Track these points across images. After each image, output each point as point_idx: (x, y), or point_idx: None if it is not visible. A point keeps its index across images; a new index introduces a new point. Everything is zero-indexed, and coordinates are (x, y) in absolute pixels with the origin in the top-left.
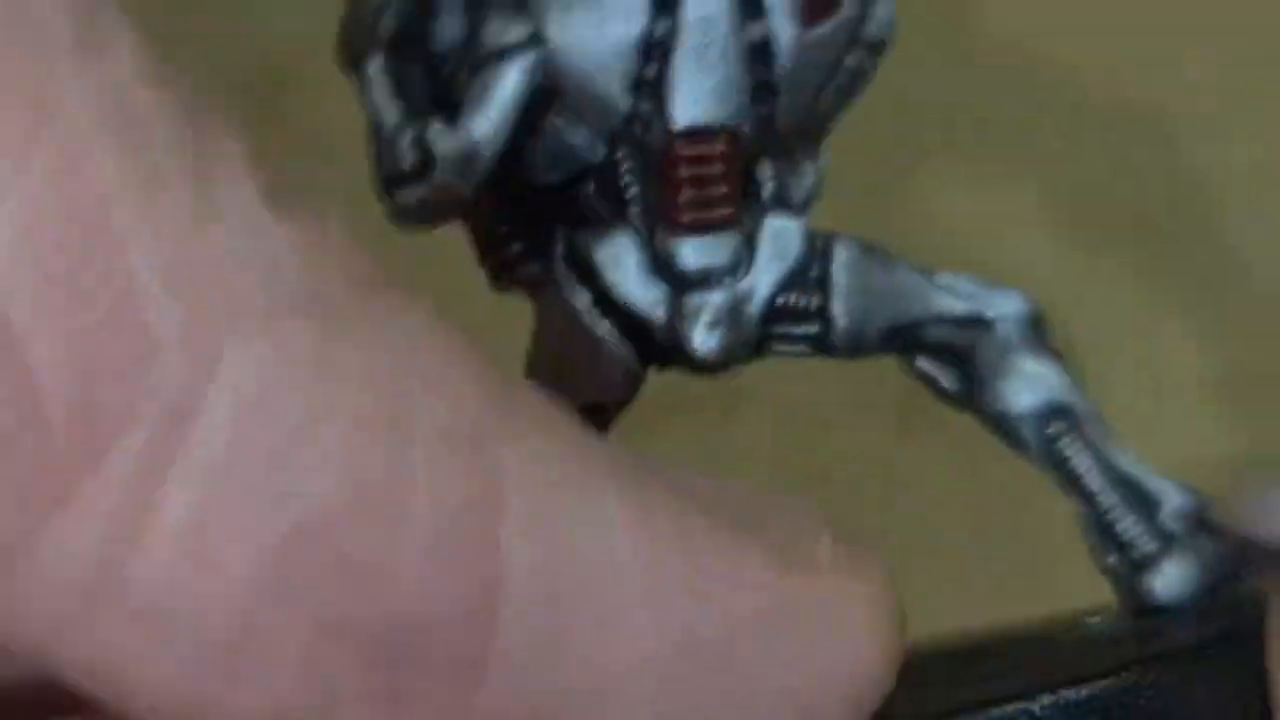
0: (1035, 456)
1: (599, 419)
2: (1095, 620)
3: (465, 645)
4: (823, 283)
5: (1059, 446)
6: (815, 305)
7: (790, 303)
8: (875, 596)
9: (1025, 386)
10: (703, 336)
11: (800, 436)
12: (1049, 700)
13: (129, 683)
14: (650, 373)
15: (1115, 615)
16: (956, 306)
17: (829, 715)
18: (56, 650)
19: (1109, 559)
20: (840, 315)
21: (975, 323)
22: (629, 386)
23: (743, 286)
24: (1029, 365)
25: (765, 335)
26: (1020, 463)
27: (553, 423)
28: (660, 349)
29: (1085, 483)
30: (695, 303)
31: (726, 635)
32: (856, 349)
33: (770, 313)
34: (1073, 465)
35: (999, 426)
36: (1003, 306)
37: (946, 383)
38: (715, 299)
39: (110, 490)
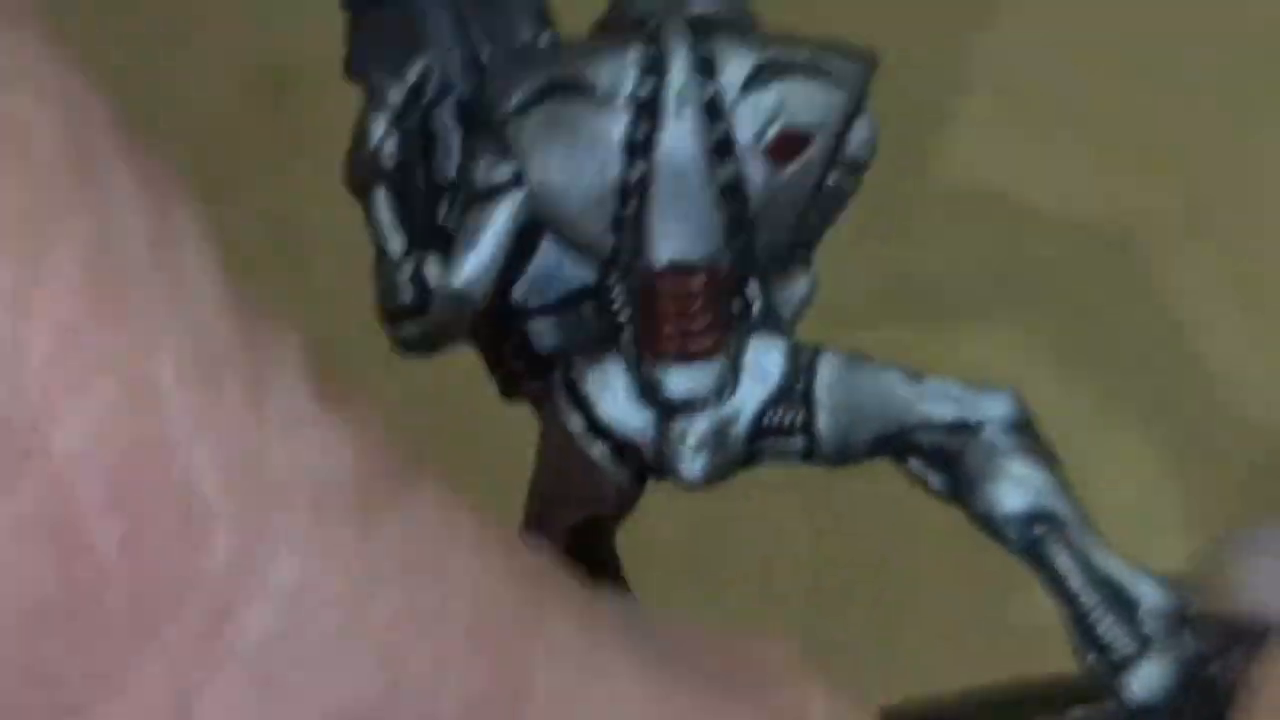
0: (1020, 556)
1: (598, 529)
2: (1078, 715)
3: None
4: (807, 398)
5: (1043, 549)
6: (800, 421)
7: (776, 420)
8: None
9: (1011, 490)
10: (689, 461)
11: None
12: None
13: None
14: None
15: (1098, 711)
16: (945, 412)
17: None
18: None
19: (1089, 658)
20: (825, 429)
21: (963, 428)
22: (623, 503)
23: (728, 409)
24: (1016, 468)
25: (753, 451)
26: None
27: (576, 607)
28: (652, 467)
29: (1068, 584)
30: (681, 428)
31: None
32: (843, 458)
33: (756, 431)
34: (1056, 567)
35: (986, 526)
36: (990, 410)
37: (936, 484)
38: (700, 424)
39: (158, 674)
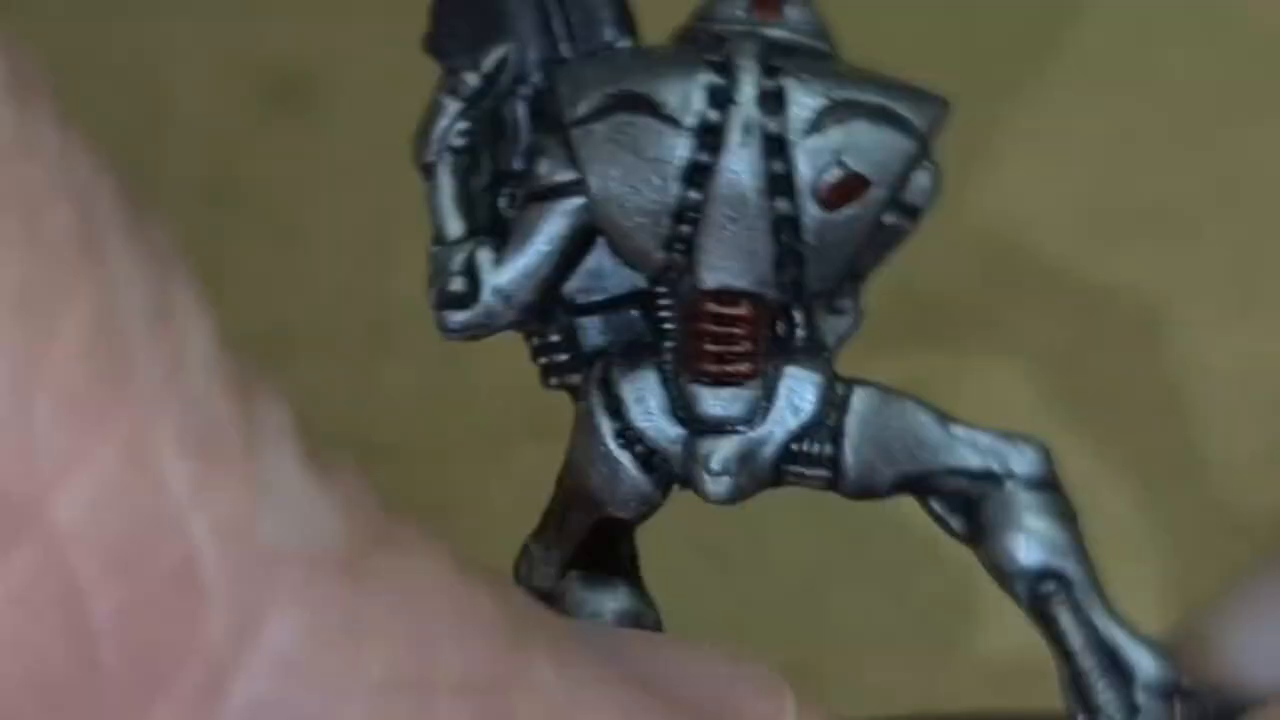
0: (1026, 610)
1: (617, 529)
2: None
3: None
4: (836, 434)
5: (1048, 606)
6: (827, 454)
7: (804, 450)
8: None
9: (1026, 544)
10: (713, 481)
11: None
12: None
13: None
14: None
15: None
16: (971, 461)
17: None
18: None
19: (1079, 718)
20: (851, 467)
21: (988, 478)
22: (643, 509)
23: (757, 434)
24: (1033, 524)
25: (778, 475)
26: None
27: (563, 657)
28: (678, 478)
29: (1067, 643)
30: (708, 447)
31: None
32: (865, 494)
33: (783, 458)
34: (1058, 625)
35: (996, 575)
36: (1017, 465)
37: (956, 526)
38: (728, 446)
39: None
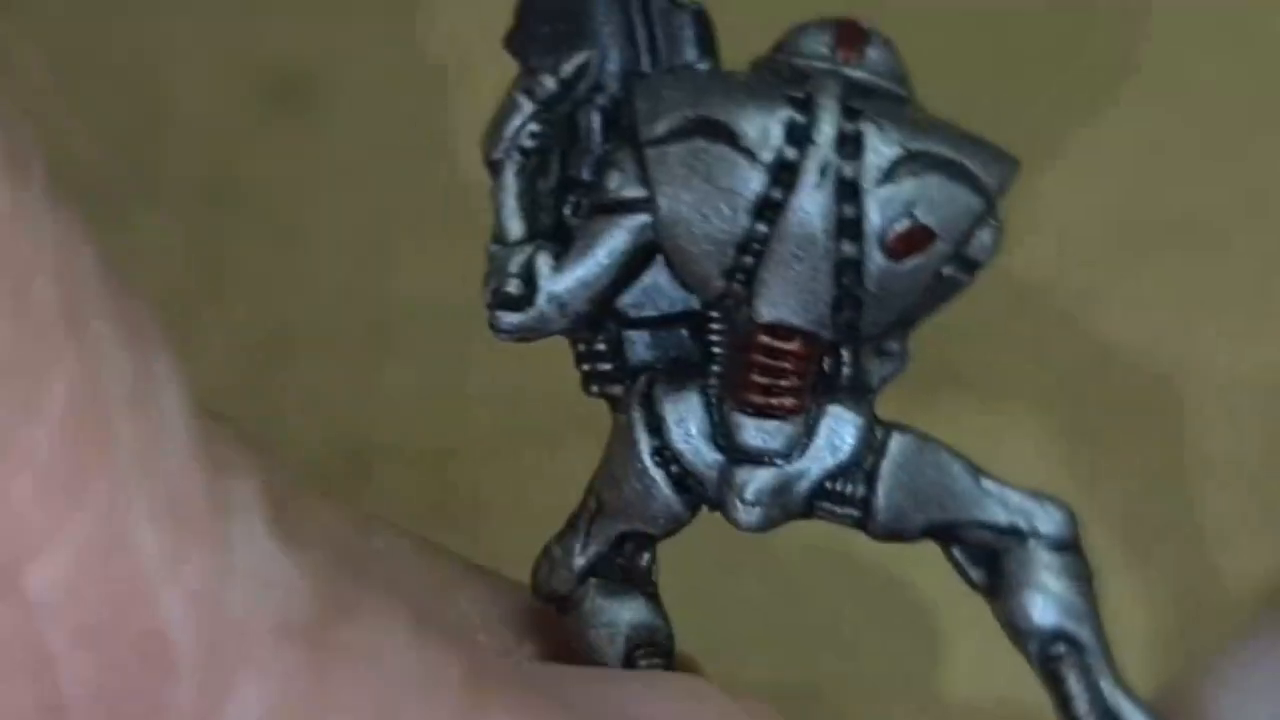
0: (1035, 668)
1: (640, 541)
2: None
3: None
4: (871, 477)
5: (1058, 667)
6: (860, 495)
7: (837, 488)
8: None
9: (1042, 605)
10: (745, 511)
11: None
12: None
13: None
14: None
15: None
16: (999, 517)
17: None
18: None
19: None
20: (882, 510)
21: (1012, 533)
22: (670, 526)
23: (793, 469)
24: (1051, 584)
25: (809, 510)
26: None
27: (522, 711)
28: (709, 502)
29: (1073, 707)
30: (744, 477)
31: None
32: (892, 537)
33: (817, 493)
34: (1066, 687)
35: (1008, 630)
36: (1042, 525)
37: (975, 576)
38: (764, 477)
39: None
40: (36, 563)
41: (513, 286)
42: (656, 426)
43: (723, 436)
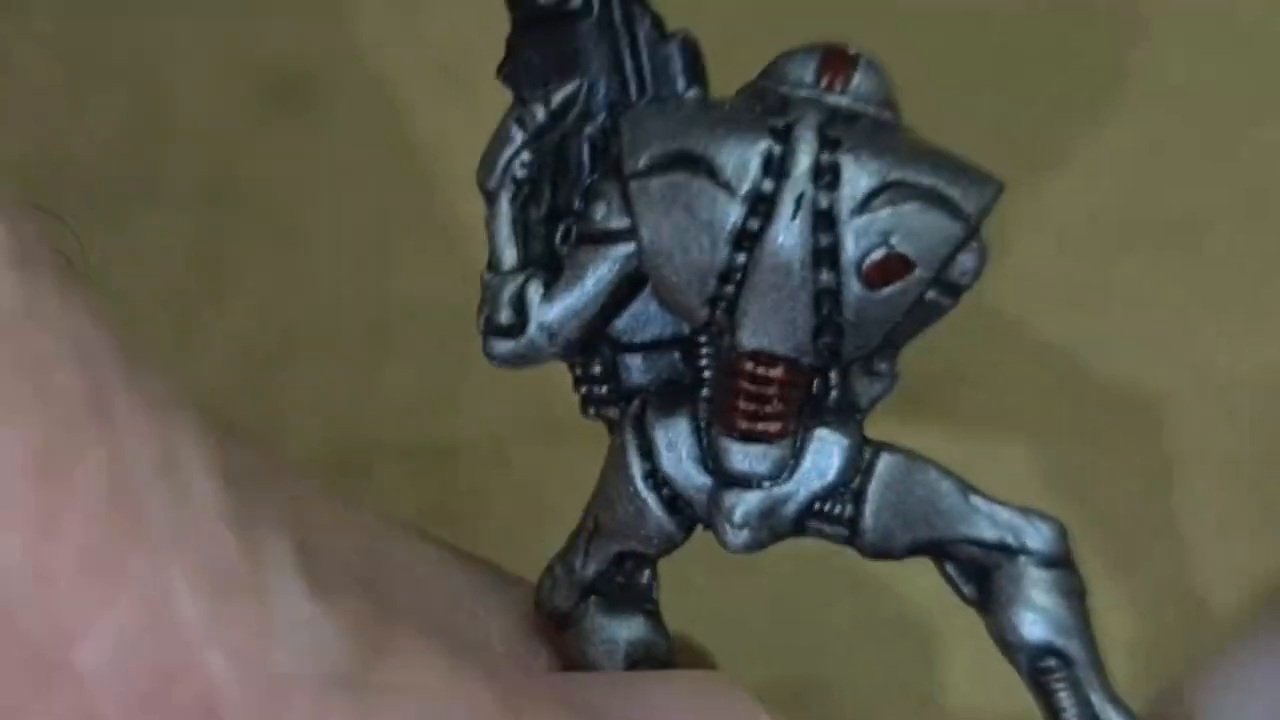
0: (1026, 681)
1: (638, 562)
2: None
3: None
4: (859, 497)
5: (1047, 681)
6: (848, 514)
7: (825, 508)
8: None
9: (1032, 620)
10: (734, 533)
11: None
12: None
13: None
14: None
15: None
16: (988, 533)
17: None
18: None
19: None
20: (869, 530)
21: (1002, 550)
22: (664, 547)
23: (781, 491)
24: (1041, 600)
25: (799, 528)
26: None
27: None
28: (701, 522)
29: (1063, 719)
30: (732, 500)
31: None
32: (881, 554)
33: (804, 514)
34: (1056, 700)
35: (999, 644)
36: (1032, 542)
37: (967, 591)
38: (752, 499)
39: None
40: (85, 640)
41: (504, 315)
42: (648, 450)
43: (711, 460)
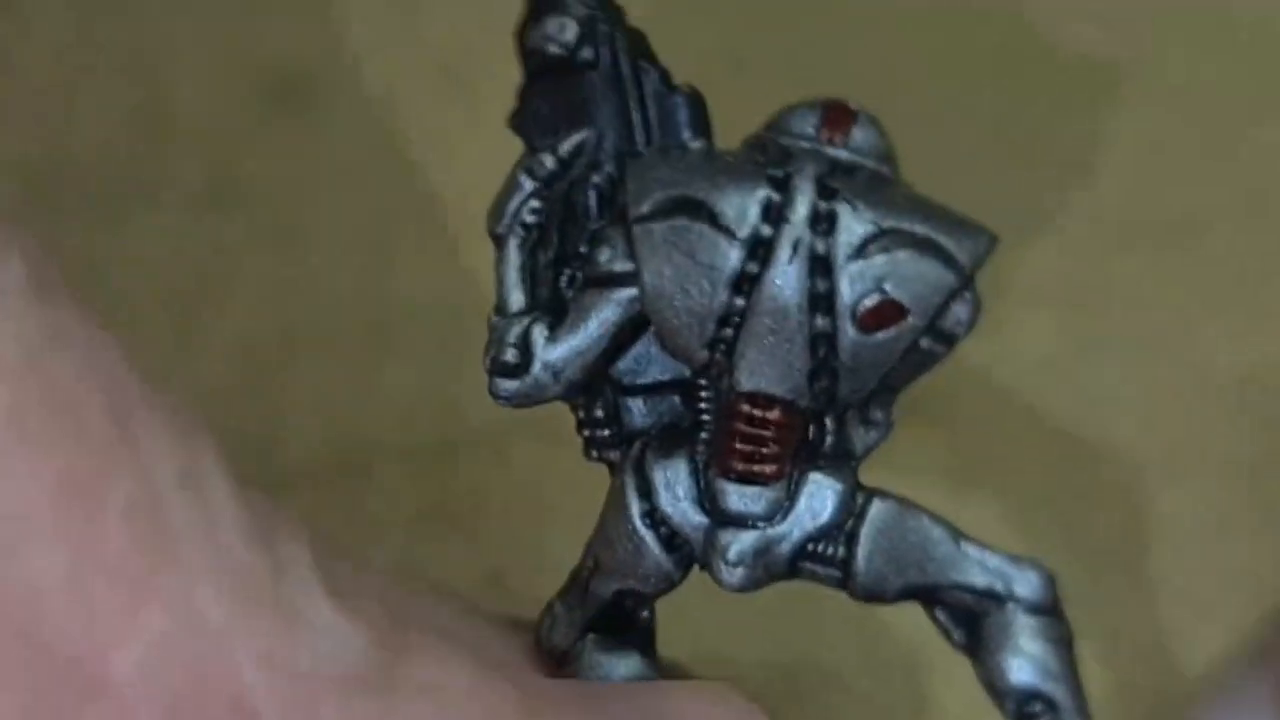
0: None
1: (636, 601)
2: None
3: None
4: (851, 540)
5: None
6: (840, 556)
7: (819, 550)
8: None
9: (1019, 665)
10: (729, 571)
11: None
12: None
13: None
14: None
15: None
16: (977, 579)
17: None
18: None
19: None
20: (862, 572)
21: (991, 596)
22: (662, 586)
23: (776, 532)
24: (1029, 646)
25: (792, 569)
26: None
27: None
28: (698, 562)
29: None
30: (727, 540)
31: None
32: (873, 598)
33: (799, 554)
34: None
35: (988, 691)
36: (1021, 588)
37: (956, 636)
38: (747, 539)
39: None
40: (121, 653)
41: (510, 355)
42: (646, 490)
43: (708, 500)
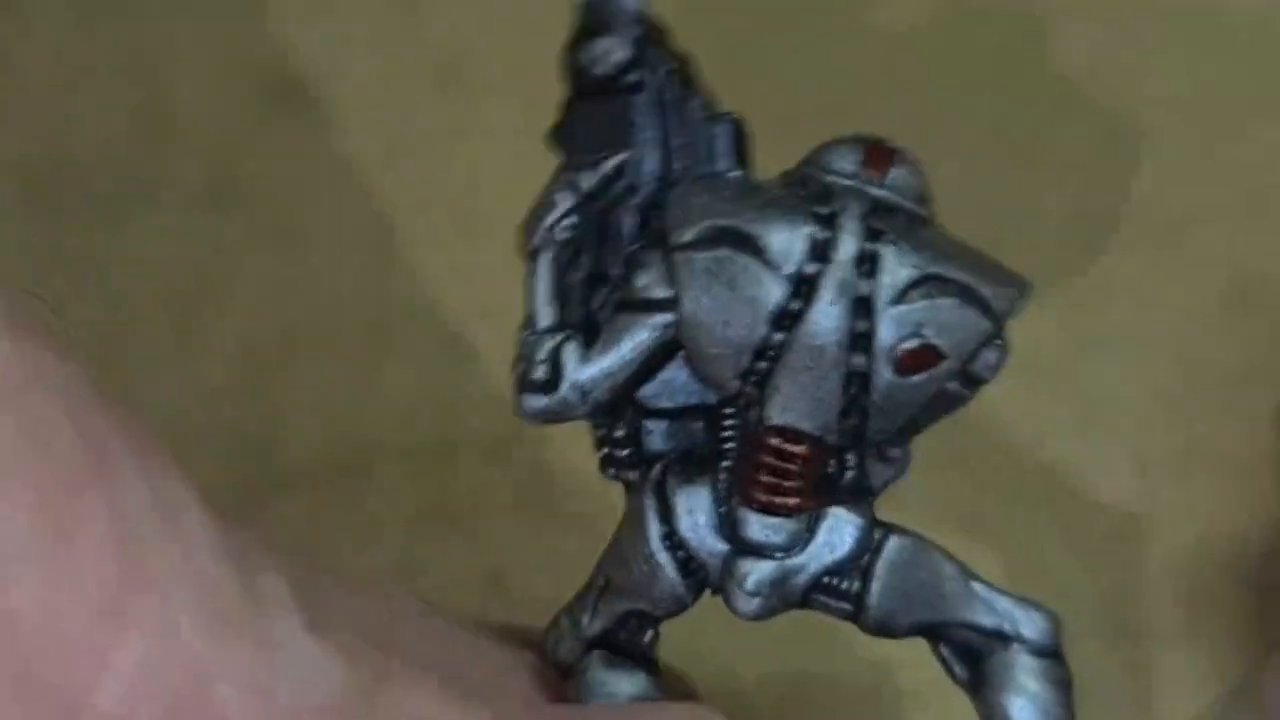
0: None
1: (642, 621)
2: None
3: None
4: (866, 574)
5: None
6: (855, 590)
7: (834, 583)
8: None
9: (1021, 705)
10: (745, 600)
11: None
12: None
13: None
14: None
15: None
16: (985, 620)
17: None
18: None
19: None
20: (874, 607)
21: (997, 636)
22: (674, 609)
23: (793, 563)
24: (1032, 687)
25: (806, 601)
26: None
27: None
28: (713, 587)
29: None
30: (745, 568)
31: None
32: (883, 632)
33: (814, 587)
34: None
35: None
36: (1027, 629)
37: (959, 672)
38: (764, 569)
39: None
40: (101, 681)
41: (539, 372)
42: (667, 514)
43: (728, 528)
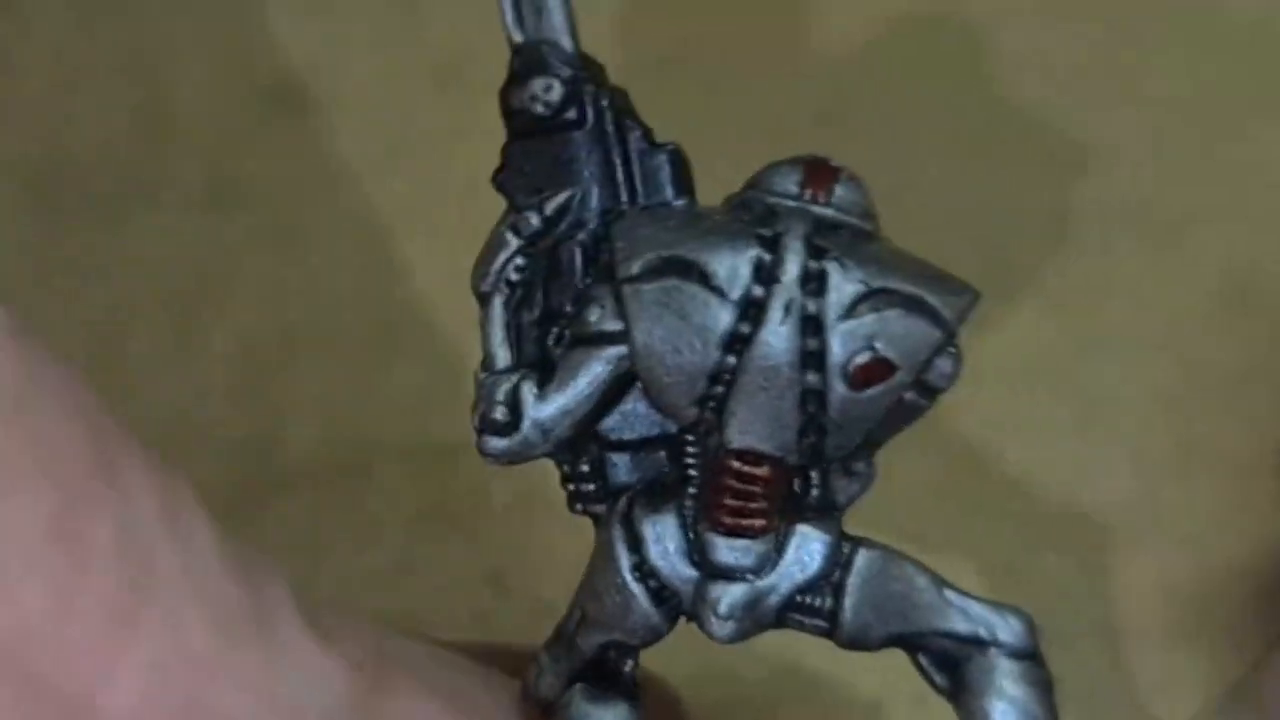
0: None
1: (621, 652)
2: None
3: None
4: (838, 591)
5: None
6: (828, 607)
7: (806, 601)
8: None
9: (1003, 709)
10: (719, 625)
11: None
12: None
13: None
14: None
15: None
16: (960, 627)
17: None
18: None
19: None
20: (848, 622)
21: (974, 642)
22: (649, 638)
23: (765, 584)
24: (1011, 690)
25: (780, 620)
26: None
27: None
28: (686, 614)
29: None
30: (717, 592)
31: None
32: (857, 646)
33: (787, 605)
34: None
35: None
36: (1003, 634)
37: (939, 680)
38: (736, 592)
39: None
40: (109, 687)
41: (499, 413)
42: (636, 544)
43: (697, 554)
